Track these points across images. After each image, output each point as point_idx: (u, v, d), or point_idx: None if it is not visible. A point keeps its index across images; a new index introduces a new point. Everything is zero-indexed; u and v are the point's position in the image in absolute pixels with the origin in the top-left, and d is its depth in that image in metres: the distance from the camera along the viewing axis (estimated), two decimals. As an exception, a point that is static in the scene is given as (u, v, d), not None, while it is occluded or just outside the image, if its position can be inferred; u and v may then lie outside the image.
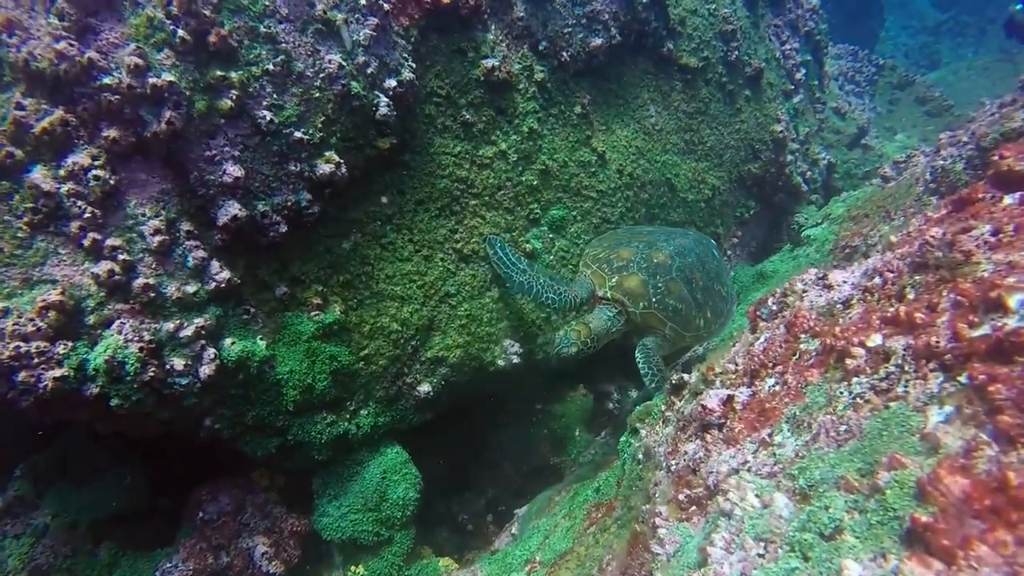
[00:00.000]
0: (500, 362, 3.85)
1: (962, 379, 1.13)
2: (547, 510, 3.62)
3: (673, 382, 2.31)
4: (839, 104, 6.34)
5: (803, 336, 1.76)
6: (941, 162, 3.72)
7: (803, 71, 5.98)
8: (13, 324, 2.49)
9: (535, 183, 3.98)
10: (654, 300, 3.56)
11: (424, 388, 3.62)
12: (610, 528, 2.19)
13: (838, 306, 1.79)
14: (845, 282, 1.87)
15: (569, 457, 4.53)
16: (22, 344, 2.48)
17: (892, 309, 1.42)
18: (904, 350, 1.30)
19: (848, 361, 1.41)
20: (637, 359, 3.46)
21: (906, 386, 1.24)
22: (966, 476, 0.91)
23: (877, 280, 1.69)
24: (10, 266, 2.56)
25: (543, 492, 4.03)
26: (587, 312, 3.67)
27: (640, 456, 2.30)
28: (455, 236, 3.70)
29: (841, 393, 1.36)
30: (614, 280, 3.62)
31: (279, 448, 3.31)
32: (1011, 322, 1.11)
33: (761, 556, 1.12)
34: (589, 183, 4.24)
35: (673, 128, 4.74)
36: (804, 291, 2.02)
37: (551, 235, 4.10)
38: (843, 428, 1.29)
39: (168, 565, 3.32)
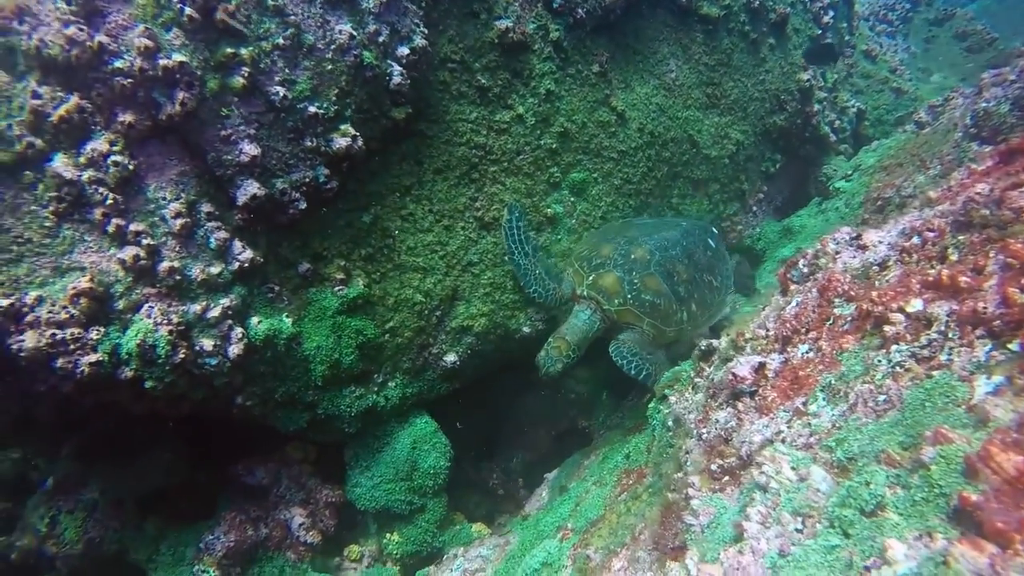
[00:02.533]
0: (525, 329, 3.84)
1: (1013, 347, 1.08)
2: (576, 474, 3.65)
3: (702, 348, 2.27)
4: (870, 47, 6.03)
5: (837, 300, 1.71)
6: (983, 104, 3.51)
7: (831, 13, 5.69)
8: (48, 312, 2.53)
9: (554, 146, 3.90)
10: (629, 296, 3.58)
11: (450, 358, 3.64)
12: (642, 496, 2.19)
13: (874, 268, 1.73)
14: (881, 242, 1.80)
15: (597, 421, 4.55)
16: (57, 331, 2.52)
17: (933, 272, 1.36)
18: (947, 316, 1.24)
19: (886, 328, 1.35)
20: (612, 356, 3.50)
21: (950, 354, 1.19)
22: (1020, 453, 0.87)
23: (916, 240, 1.62)
24: (40, 255, 2.58)
25: (572, 456, 4.06)
26: (566, 317, 3.70)
27: (670, 423, 2.29)
28: (475, 204, 3.65)
29: (879, 361, 1.32)
30: (591, 278, 3.65)
31: (310, 422, 3.38)
32: (1067, 287, 1.05)
33: (799, 532, 1.11)
34: (609, 144, 4.13)
35: (694, 82, 4.58)
36: (837, 252, 1.95)
37: (572, 199, 4.03)
38: (882, 398, 1.25)
39: (210, 537, 3.44)
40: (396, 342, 3.47)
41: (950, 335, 1.21)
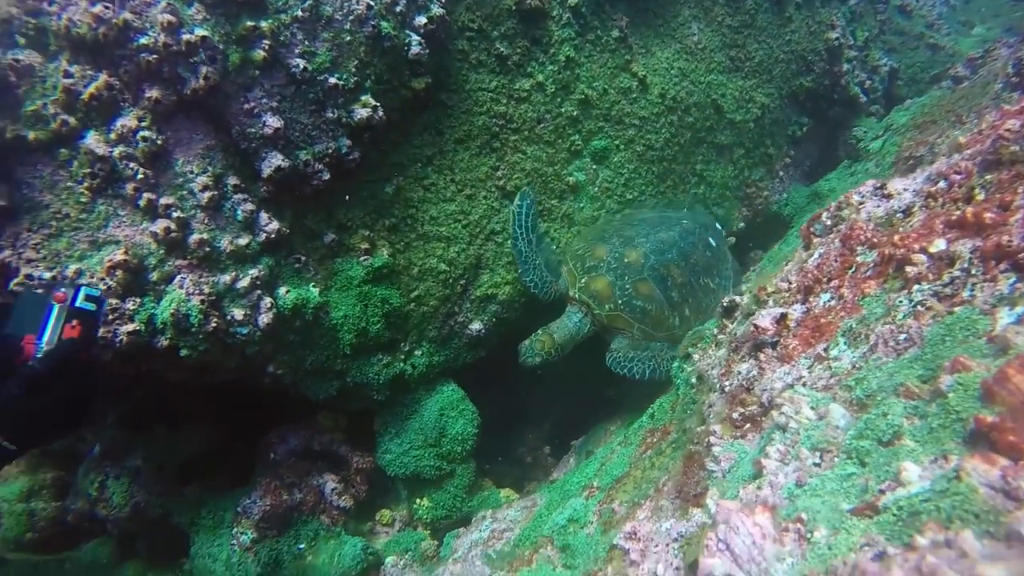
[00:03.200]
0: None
1: (1036, 277, 1.06)
2: (603, 440, 3.68)
3: (725, 304, 2.27)
4: (904, 1, 5.79)
5: (859, 249, 1.69)
6: (1028, 51, 3.36)
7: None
8: (87, 284, 2.63)
9: (575, 114, 3.87)
10: (620, 302, 3.58)
11: (475, 326, 3.68)
12: (665, 451, 2.21)
13: (898, 216, 1.70)
14: (906, 190, 1.76)
15: (622, 388, 4.56)
16: (96, 302, 2.63)
17: (958, 212, 1.34)
18: (971, 253, 1.22)
19: (908, 269, 1.34)
20: (611, 368, 3.58)
21: (972, 290, 1.17)
22: (1037, 374, 0.86)
23: (942, 184, 1.58)
24: (78, 230, 2.68)
25: (599, 424, 4.09)
26: (559, 317, 3.75)
27: (693, 380, 2.30)
28: (497, 173, 3.66)
29: (900, 302, 1.31)
30: (583, 281, 3.66)
31: (339, 391, 3.46)
32: (1093, 213, 1.02)
33: (817, 465, 1.11)
34: (631, 110, 4.09)
35: (717, 45, 4.49)
36: (861, 203, 1.92)
37: (594, 166, 4.01)
38: (902, 337, 1.24)
39: (248, 501, 3.56)
40: (422, 311, 3.52)
41: (973, 271, 1.20)
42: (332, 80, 2.89)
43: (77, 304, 2.27)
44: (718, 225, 4.39)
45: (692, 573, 1.21)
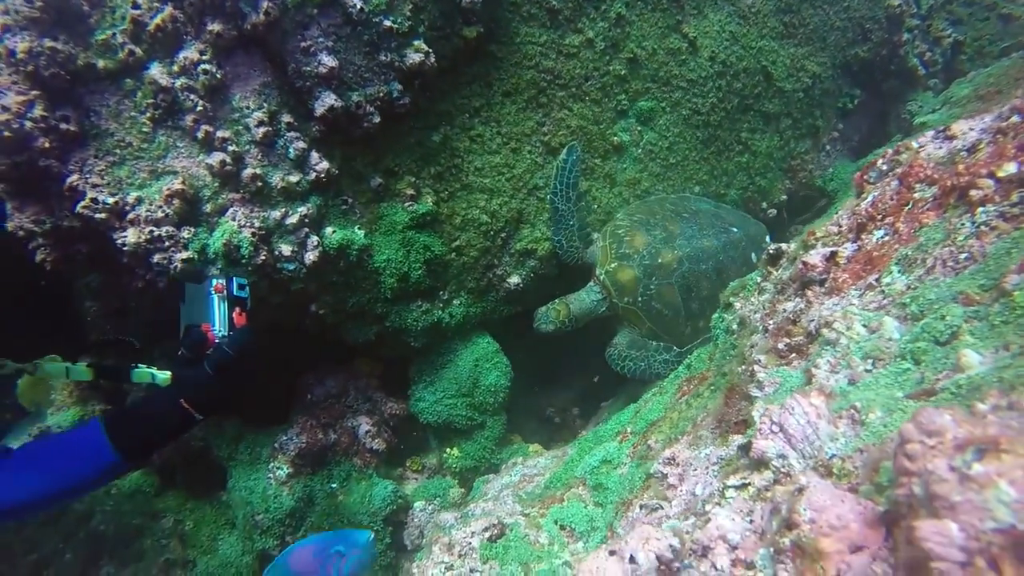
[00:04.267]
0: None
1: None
2: (635, 398, 3.70)
3: (771, 251, 2.26)
4: (976, -32, 5.55)
5: (918, 186, 1.66)
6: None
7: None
8: (146, 211, 2.74)
9: (623, 73, 3.84)
10: (640, 300, 3.64)
11: (514, 280, 3.72)
12: (703, 394, 2.22)
13: (962, 154, 1.67)
14: (972, 129, 1.72)
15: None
16: (155, 228, 2.73)
17: (1029, 136, 1.31)
18: (1042, 172, 1.20)
19: (973, 193, 1.32)
20: (607, 360, 3.74)
21: (1042, 207, 1.16)
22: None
23: (1016, 119, 1.55)
24: (139, 159, 2.78)
25: (629, 386, 4.11)
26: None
27: (734, 327, 2.30)
28: (542, 129, 3.67)
29: (962, 225, 1.29)
30: (612, 266, 3.68)
31: (378, 335, 3.54)
32: None
33: (868, 371, 1.12)
34: (679, 72, 4.04)
35: (771, 10, 4.38)
36: (921, 146, 1.89)
37: (639, 127, 3.99)
38: (963, 256, 1.23)
39: (284, 438, 3.68)
40: (462, 260, 3.57)
41: (1043, 189, 1.18)
42: (387, 23, 2.92)
43: (235, 293, 2.62)
44: (768, 238, 4.32)
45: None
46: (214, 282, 2.60)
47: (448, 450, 4.02)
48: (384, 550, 3.64)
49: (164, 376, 2.48)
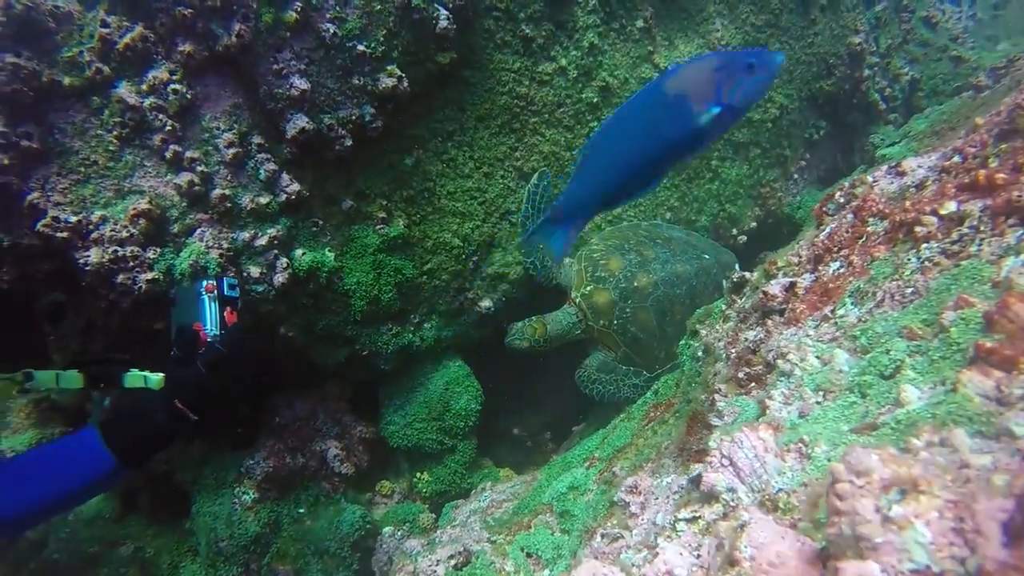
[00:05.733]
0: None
1: (1044, 229, 1.09)
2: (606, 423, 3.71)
3: (734, 280, 2.30)
4: (930, 12, 5.79)
5: (871, 220, 1.72)
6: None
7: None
8: (111, 230, 2.69)
9: (595, 100, 3.91)
10: (615, 323, 3.67)
11: (485, 303, 3.73)
12: (668, 421, 2.24)
13: (911, 190, 1.73)
14: (920, 167, 1.79)
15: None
16: (119, 248, 2.69)
17: (970, 176, 1.37)
18: (981, 211, 1.25)
19: (918, 229, 1.37)
20: (577, 381, 3.78)
21: (980, 244, 1.20)
22: (1038, 303, 0.89)
23: (956, 158, 1.61)
24: (105, 177, 2.74)
25: (600, 410, 4.12)
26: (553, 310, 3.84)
27: (699, 354, 2.33)
28: (515, 154, 3.71)
29: (909, 260, 1.34)
30: (588, 289, 3.73)
31: (348, 358, 3.51)
32: (1101, 163, 1.05)
33: (819, 403, 1.15)
34: (650, 101, 4.11)
35: (740, 43, 4.51)
36: (874, 182, 1.95)
37: (611, 154, 4.04)
38: (909, 291, 1.27)
39: (251, 462, 3.61)
40: (433, 284, 3.57)
41: (982, 228, 1.22)
42: (360, 47, 2.94)
43: (226, 293, 2.65)
44: (737, 266, 4.40)
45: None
46: (205, 283, 2.64)
47: (418, 474, 3.98)
48: (350, 578, 3.56)
49: (157, 378, 2.44)
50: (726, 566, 0.78)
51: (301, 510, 3.66)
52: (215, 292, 2.62)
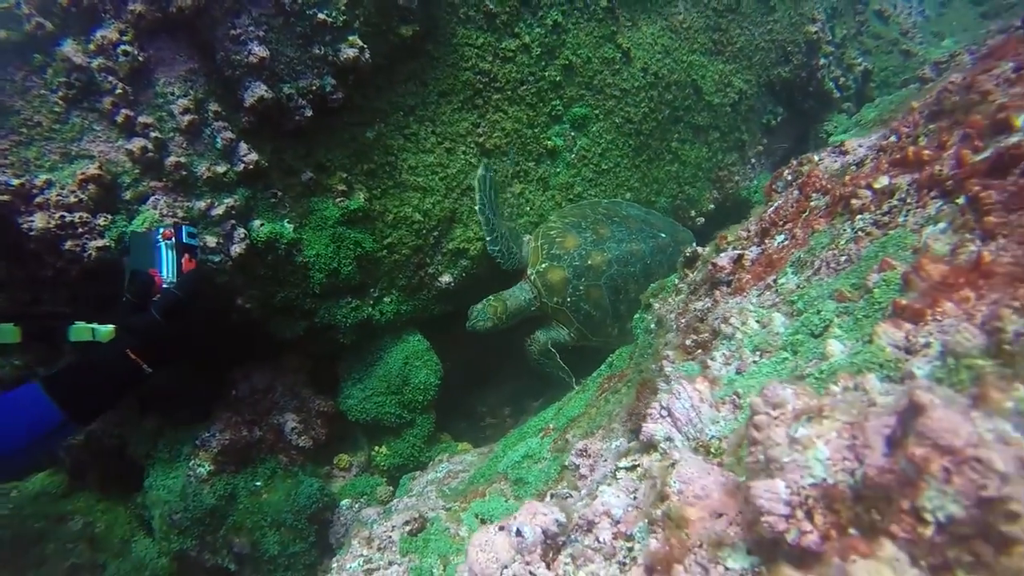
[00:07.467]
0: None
1: (960, 200, 1.17)
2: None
3: (687, 255, 2.37)
4: (883, 7, 5.99)
5: (815, 195, 1.80)
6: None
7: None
8: (57, 195, 2.61)
9: (558, 79, 3.93)
10: (568, 300, 3.78)
11: (445, 279, 3.74)
12: (621, 391, 2.31)
13: (852, 168, 1.82)
14: (860, 146, 1.88)
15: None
16: (67, 214, 2.61)
17: (902, 153, 1.45)
18: (908, 185, 1.33)
19: (854, 202, 1.45)
20: (527, 353, 3.92)
21: (906, 215, 1.28)
22: (947, 264, 0.97)
23: (892, 138, 1.70)
24: (50, 140, 2.65)
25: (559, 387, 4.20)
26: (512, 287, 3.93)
27: (652, 327, 2.40)
28: (477, 130, 3.71)
29: (845, 230, 1.42)
30: (543, 267, 3.81)
31: (307, 331, 3.49)
32: (1013, 138, 1.13)
33: (755, 362, 1.21)
34: (613, 81, 4.17)
35: (701, 27, 4.59)
36: (820, 160, 2.04)
37: (573, 133, 4.09)
38: (843, 259, 1.35)
39: (206, 435, 3.56)
40: (393, 258, 3.56)
41: (908, 200, 1.31)
42: (321, 15, 2.90)
43: (184, 240, 2.55)
44: (694, 245, 4.50)
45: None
46: (162, 229, 2.54)
47: (376, 448, 3.99)
48: (308, 549, 3.57)
49: (106, 330, 2.31)
50: (656, 501, 0.84)
51: (258, 483, 3.64)
52: (173, 239, 2.52)
